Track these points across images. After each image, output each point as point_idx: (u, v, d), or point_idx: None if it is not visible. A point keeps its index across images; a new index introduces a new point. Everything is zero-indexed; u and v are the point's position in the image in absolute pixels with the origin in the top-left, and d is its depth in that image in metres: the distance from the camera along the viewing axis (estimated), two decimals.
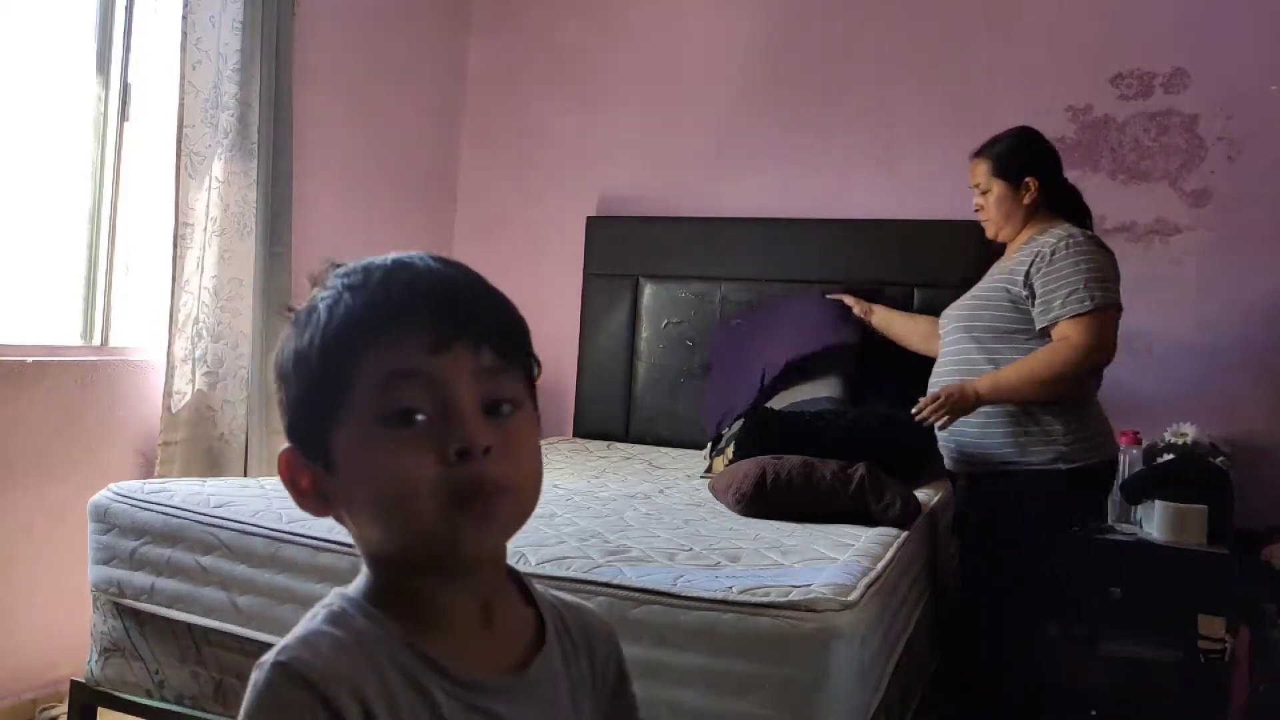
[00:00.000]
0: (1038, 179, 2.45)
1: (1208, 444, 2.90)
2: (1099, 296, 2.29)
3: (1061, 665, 2.78)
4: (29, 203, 2.71)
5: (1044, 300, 2.33)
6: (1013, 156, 2.47)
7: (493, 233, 4.14)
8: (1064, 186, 2.53)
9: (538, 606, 0.85)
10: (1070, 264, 2.32)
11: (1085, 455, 2.36)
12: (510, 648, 0.80)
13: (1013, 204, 2.47)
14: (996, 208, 2.49)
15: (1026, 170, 2.45)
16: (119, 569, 2.05)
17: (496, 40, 4.16)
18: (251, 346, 3.03)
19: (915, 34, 3.49)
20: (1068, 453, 2.34)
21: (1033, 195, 2.45)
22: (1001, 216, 2.49)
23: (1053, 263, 2.33)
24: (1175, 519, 2.73)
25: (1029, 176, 2.45)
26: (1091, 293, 2.29)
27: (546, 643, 0.82)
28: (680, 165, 3.83)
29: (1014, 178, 2.46)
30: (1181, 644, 2.67)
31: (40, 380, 2.61)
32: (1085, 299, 2.28)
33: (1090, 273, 2.30)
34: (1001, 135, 2.52)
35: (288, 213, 3.14)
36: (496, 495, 0.74)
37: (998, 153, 2.49)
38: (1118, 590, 2.74)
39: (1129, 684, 2.74)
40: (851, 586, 1.66)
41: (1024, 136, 2.51)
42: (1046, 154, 2.51)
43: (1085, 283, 2.29)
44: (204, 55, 2.85)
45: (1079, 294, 2.29)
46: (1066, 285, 2.30)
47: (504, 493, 0.74)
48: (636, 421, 3.72)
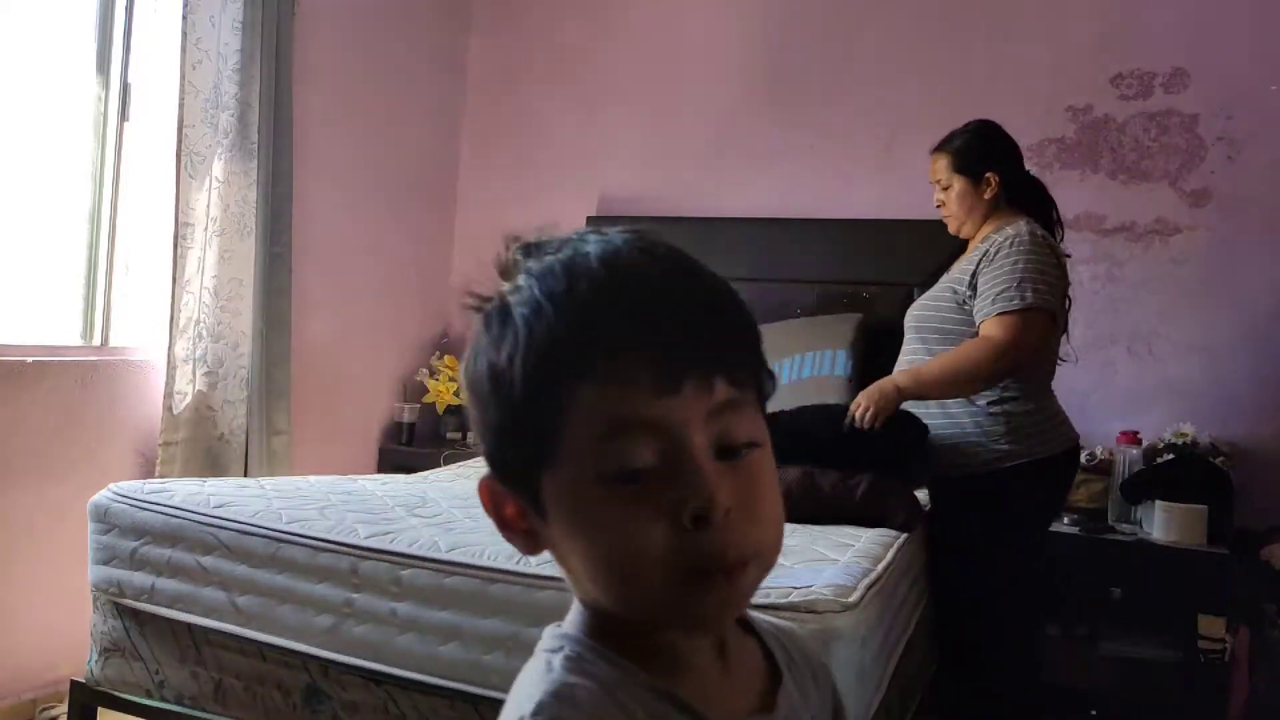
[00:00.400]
0: (998, 174, 2.42)
1: (1208, 444, 2.90)
2: (1028, 297, 2.23)
3: (1061, 665, 2.79)
4: (29, 203, 2.71)
5: (980, 298, 2.30)
6: (972, 152, 2.44)
7: (493, 233, 4.10)
8: (1026, 180, 2.50)
9: (758, 635, 0.75)
10: (1010, 262, 2.28)
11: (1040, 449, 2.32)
12: (748, 684, 0.71)
13: (974, 199, 2.44)
14: (958, 204, 2.46)
15: (987, 165, 2.43)
16: (119, 569, 2.05)
17: (496, 40, 4.16)
18: (251, 346, 3.03)
19: (915, 34, 3.49)
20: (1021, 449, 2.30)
21: (993, 190, 2.42)
22: (964, 212, 2.46)
23: (995, 260, 2.30)
24: (1175, 519, 2.73)
25: (989, 172, 2.42)
26: (1022, 292, 2.23)
27: (784, 678, 0.73)
28: (680, 165, 3.83)
29: (974, 173, 2.43)
30: (1181, 644, 2.68)
31: (40, 380, 2.61)
32: (1014, 298, 2.24)
33: (1025, 272, 2.25)
34: (960, 130, 2.49)
35: (288, 213, 3.14)
36: (739, 568, 0.62)
37: (957, 148, 2.46)
38: (1118, 590, 2.74)
39: (1129, 684, 2.74)
40: (852, 587, 1.66)
41: (983, 131, 2.48)
42: (1006, 148, 2.47)
43: (1018, 282, 2.24)
44: (204, 55, 2.85)
45: (1009, 292, 2.24)
46: (1000, 283, 2.26)
47: (748, 561, 0.62)
48: None
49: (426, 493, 2.34)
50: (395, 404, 3.86)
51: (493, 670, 1.69)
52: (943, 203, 2.50)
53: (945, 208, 2.51)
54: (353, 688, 1.84)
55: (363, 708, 1.84)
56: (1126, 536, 2.82)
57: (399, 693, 1.80)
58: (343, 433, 3.66)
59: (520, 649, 1.67)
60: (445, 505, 2.19)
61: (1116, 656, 2.76)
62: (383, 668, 1.79)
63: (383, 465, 3.78)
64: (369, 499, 2.20)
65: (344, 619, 1.82)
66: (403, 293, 3.94)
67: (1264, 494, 2.96)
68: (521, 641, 1.67)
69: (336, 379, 3.59)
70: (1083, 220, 3.24)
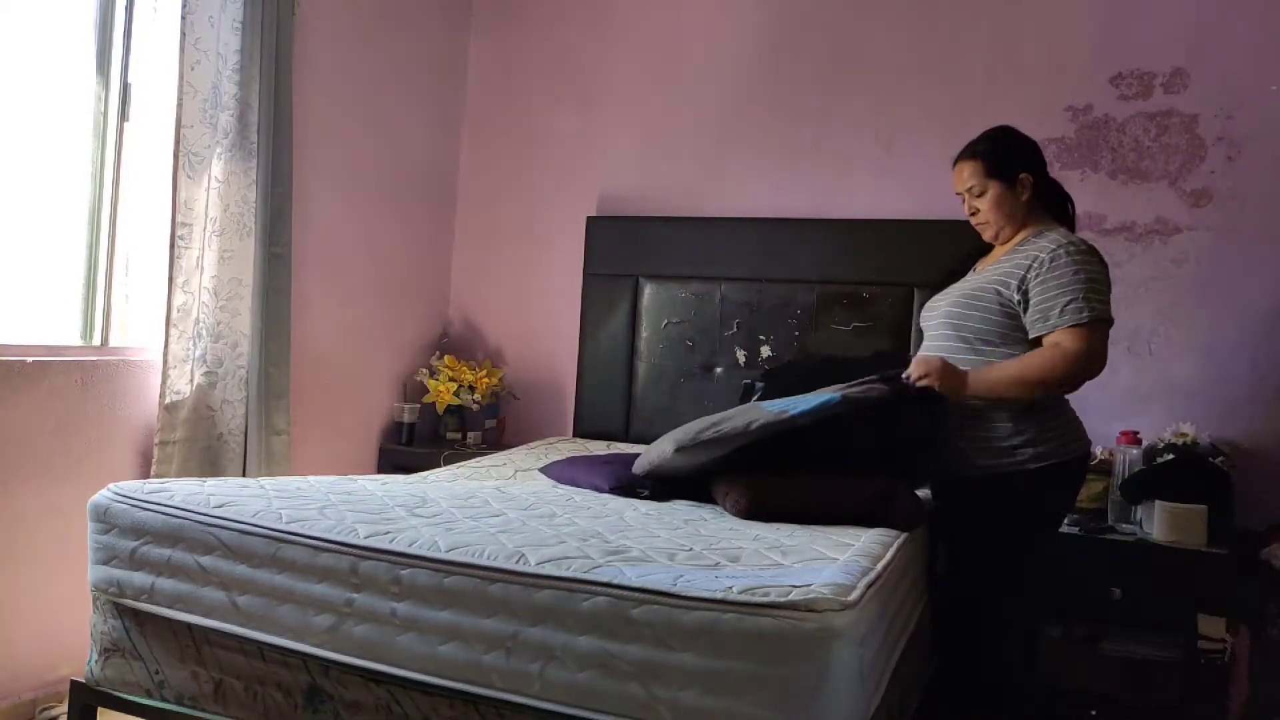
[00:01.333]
0: (1031, 174, 2.43)
1: (1208, 444, 2.90)
2: (1098, 309, 2.26)
3: (1061, 665, 2.78)
4: (29, 203, 2.71)
5: (1040, 309, 2.30)
6: (1003, 155, 2.43)
7: (493, 233, 4.14)
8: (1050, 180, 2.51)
9: None
10: (1070, 273, 2.28)
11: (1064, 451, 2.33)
12: None
13: (1013, 203, 2.43)
14: (996, 209, 2.44)
15: (1019, 166, 2.42)
16: (119, 569, 2.05)
17: (496, 40, 4.16)
18: (251, 346, 3.03)
19: (915, 33, 3.49)
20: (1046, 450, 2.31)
21: (1030, 191, 2.42)
22: (1003, 217, 2.44)
23: (1051, 269, 2.29)
24: (1175, 519, 2.73)
25: (1023, 173, 2.42)
26: (1091, 304, 2.25)
27: None
28: (680, 165, 3.83)
29: (1008, 176, 2.42)
30: (1181, 644, 2.68)
31: (40, 380, 2.61)
32: (1083, 309, 2.25)
33: (1088, 283, 2.27)
34: (981, 136, 2.48)
35: (288, 213, 3.14)
36: None
37: (986, 152, 2.44)
38: (1118, 590, 2.74)
39: (1129, 684, 2.74)
40: (852, 586, 1.66)
41: (1008, 134, 2.48)
42: (1032, 149, 2.47)
43: (1084, 294, 2.26)
44: (203, 55, 2.86)
45: (1077, 304, 2.25)
46: (1065, 294, 2.27)
47: None
48: (636, 421, 3.72)
49: (426, 493, 2.34)
50: (395, 404, 3.87)
51: (493, 670, 1.69)
52: (976, 210, 2.47)
53: (979, 215, 2.48)
54: (353, 687, 1.84)
55: (363, 707, 1.84)
56: (1126, 536, 2.82)
57: (399, 692, 1.80)
58: (343, 433, 3.66)
59: (520, 649, 1.68)
60: (445, 505, 2.19)
61: (1116, 656, 2.76)
62: (383, 668, 1.79)
63: (383, 465, 3.79)
64: (369, 499, 2.20)
65: (344, 619, 1.82)
66: (403, 293, 3.94)
67: (1264, 494, 2.96)
68: (521, 641, 1.68)
69: (336, 379, 3.59)
70: (1083, 220, 3.22)
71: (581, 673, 1.63)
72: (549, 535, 1.95)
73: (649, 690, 1.59)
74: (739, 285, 3.59)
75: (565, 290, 3.93)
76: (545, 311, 4.03)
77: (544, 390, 4.02)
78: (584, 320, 3.84)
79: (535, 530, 2.00)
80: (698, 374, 3.64)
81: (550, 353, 4.01)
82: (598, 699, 1.62)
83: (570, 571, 1.69)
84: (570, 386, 3.90)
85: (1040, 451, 2.31)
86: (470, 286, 4.17)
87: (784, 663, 1.51)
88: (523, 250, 4.07)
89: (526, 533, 1.96)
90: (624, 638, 1.61)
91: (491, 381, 3.85)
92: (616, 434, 3.71)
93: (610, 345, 3.78)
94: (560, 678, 1.65)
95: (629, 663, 1.60)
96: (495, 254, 4.13)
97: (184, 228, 2.85)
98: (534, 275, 4.06)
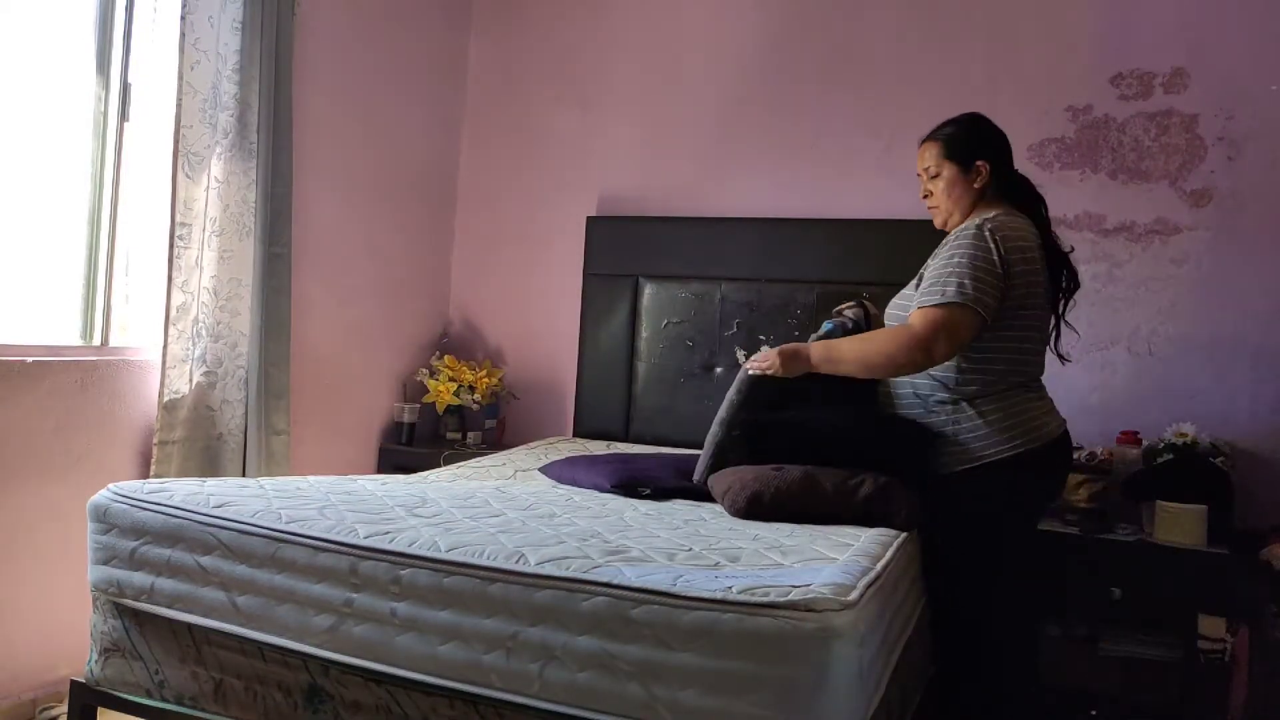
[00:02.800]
0: (989, 163, 2.39)
1: (1208, 444, 2.90)
2: (952, 293, 2.19)
3: (1061, 665, 2.79)
4: (29, 203, 2.71)
5: (919, 289, 2.30)
6: (964, 139, 2.41)
7: (493, 233, 4.14)
8: (1014, 175, 2.46)
9: None
10: (946, 255, 2.26)
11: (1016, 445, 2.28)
12: None
13: (963, 188, 2.39)
14: (946, 193, 2.41)
15: (978, 154, 2.39)
16: (119, 569, 2.05)
17: (496, 40, 4.16)
18: (250, 346, 3.03)
19: (915, 33, 3.49)
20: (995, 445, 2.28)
21: (983, 179, 2.38)
22: (951, 202, 2.41)
23: (943, 250, 2.28)
24: (1175, 519, 2.73)
25: (980, 160, 2.39)
26: (950, 286, 2.20)
27: None
28: (680, 165, 3.83)
29: (965, 160, 2.39)
30: (1181, 644, 2.68)
31: (40, 380, 2.61)
32: (938, 293, 2.21)
33: (960, 267, 2.21)
34: (951, 119, 2.46)
35: (287, 213, 3.14)
36: None
37: (948, 134, 2.42)
38: (1118, 590, 2.74)
39: (1129, 684, 2.74)
40: (851, 586, 1.66)
41: (976, 120, 2.46)
42: (998, 139, 2.44)
43: (950, 275, 2.21)
44: (203, 55, 2.86)
45: (938, 285, 2.22)
46: (931, 276, 2.25)
47: None
48: (636, 421, 3.72)
49: (426, 493, 2.34)
50: (395, 404, 3.87)
51: (492, 670, 1.69)
52: (929, 193, 2.46)
53: (932, 198, 2.46)
54: (353, 687, 1.84)
55: (363, 707, 1.84)
56: (1126, 536, 2.82)
57: (399, 692, 1.80)
58: (342, 433, 3.67)
59: (520, 649, 1.68)
60: (445, 505, 2.19)
61: (1116, 656, 2.77)
62: (383, 667, 1.79)
63: (382, 465, 3.79)
64: (369, 499, 2.20)
65: (344, 619, 1.82)
66: (403, 293, 3.94)
67: (1264, 494, 2.96)
68: (521, 641, 1.67)
69: (336, 379, 3.59)
70: (1083, 220, 3.25)
71: (581, 673, 1.63)
72: (549, 535, 1.95)
73: (649, 690, 1.58)
74: (739, 285, 3.60)
75: (565, 290, 3.93)
76: (545, 311, 4.03)
77: (544, 390, 4.02)
78: (584, 320, 3.84)
79: (535, 530, 2.00)
80: (698, 374, 3.64)
81: (550, 353, 4.01)
82: (597, 699, 1.62)
83: (570, 571, 1.69)
84: (570, 386, 3.90)
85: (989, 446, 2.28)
86: (470, 286, 4.17)
87: (784, 663, 1.51)
88: (523, 250, 4.08)
89: (526, 533, 1.96)
90: (624, 638, 1.61)
91: (491, 381, 3.85)
92: (616, 434, 3.71)
93: (610, 345, 3.78)
94: (560, 678, 1.65)
95: (629, 663, 1.60)
96: (495, 254, 4.13)
97: (183, 227, 2.85)
98: (534, 275, 4.06)
